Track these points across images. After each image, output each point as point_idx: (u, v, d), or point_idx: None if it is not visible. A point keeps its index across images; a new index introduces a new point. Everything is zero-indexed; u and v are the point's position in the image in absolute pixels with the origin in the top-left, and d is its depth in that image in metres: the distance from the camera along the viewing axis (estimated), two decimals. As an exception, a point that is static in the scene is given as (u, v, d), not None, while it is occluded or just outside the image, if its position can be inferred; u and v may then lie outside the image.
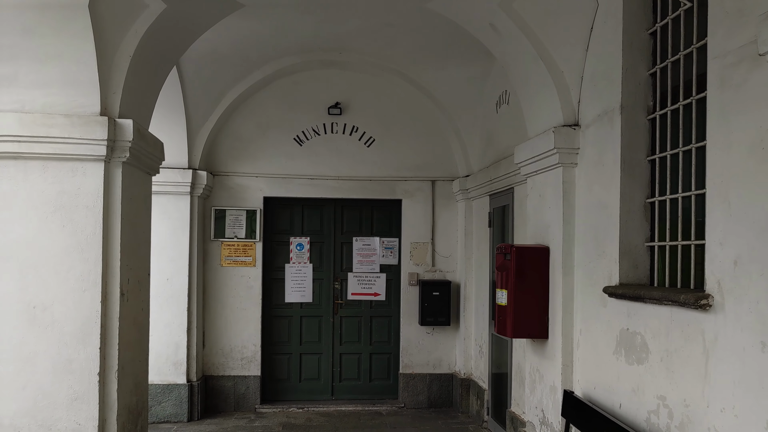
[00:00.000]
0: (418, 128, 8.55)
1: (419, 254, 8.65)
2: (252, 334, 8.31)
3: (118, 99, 4.51)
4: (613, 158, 4.21)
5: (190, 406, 7.66)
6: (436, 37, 6.81)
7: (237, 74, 7.76)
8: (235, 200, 8.37)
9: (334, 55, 7.87)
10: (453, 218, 8.63)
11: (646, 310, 3.79)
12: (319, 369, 8.63)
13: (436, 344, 8.61)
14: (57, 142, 4.29)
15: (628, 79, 4.13)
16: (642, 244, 4.13)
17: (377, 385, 8.72)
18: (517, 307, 5.19)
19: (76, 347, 4.37)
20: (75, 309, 4.37)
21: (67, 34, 4.18)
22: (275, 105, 8.38)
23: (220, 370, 8.22)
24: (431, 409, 8.46)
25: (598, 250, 4.41)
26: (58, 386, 4.35)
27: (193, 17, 5.11)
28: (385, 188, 8.56)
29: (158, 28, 4.67)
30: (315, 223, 8.69)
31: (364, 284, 8.69)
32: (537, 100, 5.21)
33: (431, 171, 8.62)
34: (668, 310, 3.55)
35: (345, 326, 8.70)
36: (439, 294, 8.42)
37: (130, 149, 4.50)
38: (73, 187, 4.37)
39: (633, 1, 4.15)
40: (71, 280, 4.37)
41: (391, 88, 8.39)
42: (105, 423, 4.44)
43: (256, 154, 8.39)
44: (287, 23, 6.78)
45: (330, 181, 8.47)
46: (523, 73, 5.28)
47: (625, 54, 4.14)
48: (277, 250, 8.60)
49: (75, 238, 4.37)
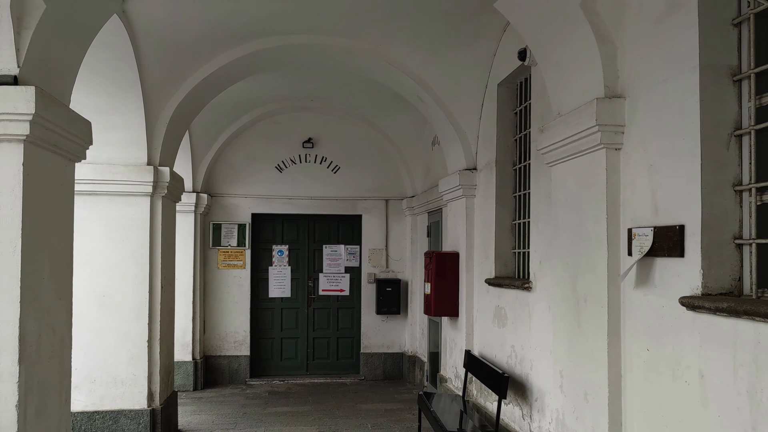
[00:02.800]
0: (374, 158, 10.57)
1: (376, 258, 10.66)
2: (243, 323, 10.24)
3: (158, 153, 6.46)
4: (492, 194, 6.29)
5: (195, 378, 9.55)
6: (386, 92, 8.81)
7: (230, 118, 9.69)
8: (228, 216, 10.30)
9: (307, 102, 9.85)
10: (402, 229, 10.66)
11: (506, 293, 5.87)
12: (296, 350, 10.59)
13: (389, 329, 10.62)
14: (118, 183, 6.23)
15: (500, 143, 6.22)
16: (509, 251, 6.21)
17: (343, 363, 10.70)
18: (437, 294, 7.25)
19: (131, 323, 6.30)
20: (130, 297, 6.30)
21: (126, 111, 6.11)
22: (260, 140, 10.33)
23: (218, 351, 10.13)
24: (386, 380, 10.46)
25: (486, 254, 6.48)
26: (120, 349, 6.27)
27: (215, 89, 7.04)
28: (348, 206, 10.56)
29: (186, 102, 6.62)
30: (292, 233, 10.64)
31: (332, 282, 10.67)
32: (450, 149, 7.29)
33: (385, 192, 10.64)
34: (515, 292, 5.62)
35: (317, 316, 10.66)
36: (391, 290, 10.44)
37: (167, 187, 6.45)
38: (129, 214, 6.31)
39: (504, 90, 6.25)
40: (128, 277, 6.31)
41: (353, 127, 10.40)
42: (151, 375, 6.37)
43: (245, 179, 10.33)
44: (271, 82, 8.73)
45: (304, 201, 10.44)
46: (441, 130, 7.35)
47: (498, 127, 6.24)
48: (263, 255, 10.54)
49: (130, 249, 6.31)
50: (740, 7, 3.06)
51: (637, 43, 3.53)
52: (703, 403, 2.97)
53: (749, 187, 2.97)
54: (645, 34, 3.45)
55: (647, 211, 3.42)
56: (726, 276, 3.01)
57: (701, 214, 3.02)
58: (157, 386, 6.41)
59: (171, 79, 6.33)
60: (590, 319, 3.87)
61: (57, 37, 3.56)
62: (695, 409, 3.03)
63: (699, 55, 3.04)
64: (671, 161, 3.22)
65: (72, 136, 3.82)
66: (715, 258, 3.01)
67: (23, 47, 3.29)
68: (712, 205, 3.02)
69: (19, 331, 3.26)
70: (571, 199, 4.11)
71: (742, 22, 3.05)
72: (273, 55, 6.76)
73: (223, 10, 5.81)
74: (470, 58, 6.45)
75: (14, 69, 3.28)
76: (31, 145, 3.37)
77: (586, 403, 3.92)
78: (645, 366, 3.46)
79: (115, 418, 6.21)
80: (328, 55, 6.91)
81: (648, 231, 3.36)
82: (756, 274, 2.94)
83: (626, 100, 3.63)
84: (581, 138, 3.83)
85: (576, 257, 4.06)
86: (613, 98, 3.67)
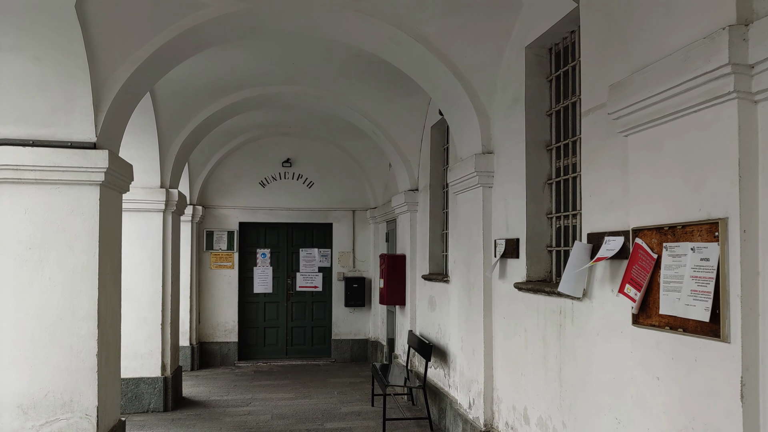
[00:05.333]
0: (343, 176, 12.33)
1: (345, 259, 12.41)
2: (232, 314, 11.93)
3: (168, 178, 8.16)
4: (428, 210, 8.09)
5: (192, 360, 11.22)
6: (351, 124, 10.57)
7: (221, 142, 11.38)
8: (219, 224, 11.99)
9: (286, 128, 11.57)
10: (366, 235, 12.43)
11: (436, 285, 7.66)
12: (277, 337, 12.30)
13: (356, 319, 12.37)
14: (139, 202, 7.91)
15: (433, 171, 8.02)
16: (440, 254, 8.01)
17: (317, 348, 12.44)
18: (389, 288, 9.04)
19: (147, 310, 7.99)
20: (147, 290, 7.99)
21: (144, 146, 7.80)
22: (246, 160, 12.04)
23: (211, 338, 11.82)
24: (353, 362, 12.20)
25: (423, 256, 8.28)
26: (139, 331, 7.95)
27: (212, 126, 8.75)
28: (321, 215, 12.30)
29: (190, 137, 8.32)
30: (274, 239, 12.36)
31: (307, 280, 12.40)
32: (399, 173, 9.08)
33: (352, 204, 12.40)
34: (440, 284, 7.42)
35: (294, 309, 12.39)
36: (357, 286, 12.20)
37: (177, 204, 8.16)
38: (146, 226, 8.00)
39: (436, 131, 8.06)
40: (145, 275, 7.99)
41: (325, 149, 12.16)
42: (164, 351, 8.07)
43: (233, 193, 12.03)
44: (256, 114, 10.43)
45: (284, 211, 12.16)
46: (392, 158, 9.14)
47: (432, 159, 8.05)
48: (248, 257, 12.24)
49: (148, 253, 8.00)
50: (551, 104, 4.88)
51: (500, 119, 5.35)
52: (526, 347, 4.79)
53: (554, 215, 4.79)
54: (503, 114, 5.27)
55: (503, 228, 5.24)
56: (541, 270, 4.83)
57: (527, 232, 4.83)
58: (168, 360, 8.11)
59: (179, 121, 8.04)
60: (475, 300, 5.67)
61: (119, 111, 5.27)
62: (523, 352, 4.84)
63: (525, 133, 4.86)
64: (514, 197, 5.04)
65: (123, 177, 5.54)
66: (534, 259, 4.83)
67: (99, 123, 5.00)
68: (533, 226, 4.84)
69: (97, 306, 4.97)
70: (466, 219, 5.92)
71: (551, 113, 4.87)
72: (259, 100, 8.49)
73: (221, 69, 7.53)
74: (411, 106, 8.26)
75: (93, 138, 4.99)
76: (103, 187, 5.08)
77: (473, 357, 5.72)
78: (503, 329, 5.26)
79: (137, 384, 7.90)
80: (303, 100, 8.67)
81: (503, 241, 5.17)
82: (557, 268, 4.76)
83: (494, 155, 5.44)
84: (469, 178, 5.64)
85: (468, 258, 5.86)
86: (486, 153, 5.48)
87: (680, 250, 2.79)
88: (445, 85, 5.68)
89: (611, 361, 3.57)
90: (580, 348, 4.01)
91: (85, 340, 4.96)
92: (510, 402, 5.12)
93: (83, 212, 4.99)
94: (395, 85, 7.86)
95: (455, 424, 6.33)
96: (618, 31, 3.53)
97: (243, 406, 8.39)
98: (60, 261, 4.93)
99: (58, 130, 4.94)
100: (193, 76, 7.47)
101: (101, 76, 4.99)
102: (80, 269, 4.96)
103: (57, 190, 4.94)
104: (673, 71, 2.75)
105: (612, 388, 3.58)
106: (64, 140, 4.95)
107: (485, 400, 5.50)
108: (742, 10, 2.52)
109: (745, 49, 2.46)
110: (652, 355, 2.98)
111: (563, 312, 4.21)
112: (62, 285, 4.93)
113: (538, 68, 4.93)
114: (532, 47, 4.90)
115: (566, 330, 4.19)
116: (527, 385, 4.79)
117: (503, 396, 5.27)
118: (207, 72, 7.46)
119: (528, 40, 4.87)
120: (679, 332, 2.78)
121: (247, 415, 7.91)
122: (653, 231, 2.98)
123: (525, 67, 4.92)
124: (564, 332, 4.22)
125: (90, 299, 4.96)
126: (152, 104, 7.41)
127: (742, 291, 2.48)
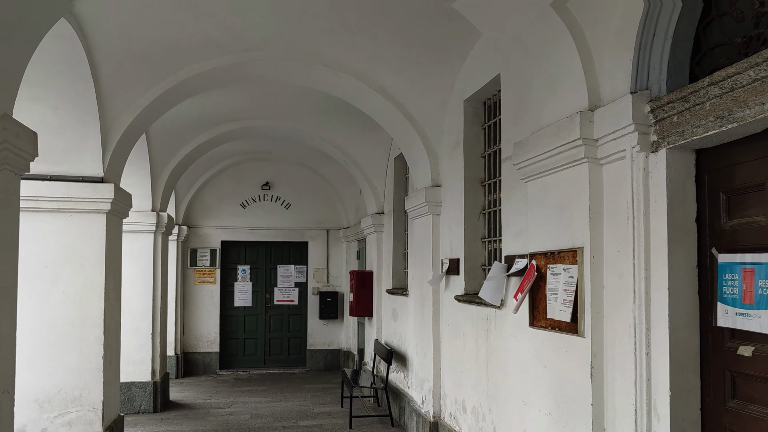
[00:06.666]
0: (317, 198, 13.22)
1: (319, 275, 13.28)
2: (214, 326, 12.71)
3: (159, 202, 8.99)
4: (391, 231, 9.02)
5: (177, 369, 11.96)
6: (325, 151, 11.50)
7: (205, 167, 12.21)
8: (203, 242, 12.80)
9: (265, 155, 12.45)
10: (340, 253, 13.32)
11: (397, 298, 8.58)
12: (256, 348, 13.09)
13: (329, 331, 13.22)
14: (133, 224, 8.72)
15: (396, 197, 8.97)
16: (402, 270, 8.94)
17: (293, 357, 13.25)
18: (358, 301, 9.93)
19: (139, 321, 8.78)
20: (139, 302, 8.79)
21: (137, 176, 8.64)
22: (228, 183, 12.88)
23: (194, 348, 12.57)
24: (326, 370, 13.03)
25: (388, 272, 9.20)
26: (132, 340, 8.73)
27: (198, 156, 9.62)
28: (297, 234, 13.17)
29: (178, 166, 9.18)
30: (253, 256, 13.19)
31: (284, 294, 13.22)
32: (367, 198, 10.02)
33: (326, 224, 13.29)
34: (401, 297, 8.34)
35: (272, 321, 13.20)
36: (331, 300, 13.06)
37: (165, 226, 9.00)
38: (138, 245, 8.82)
39: (398, 162, 9.01)
40: (138, 288, 8.79)
41: (301, 173, 13.06)
42: (154, 358, 8.85)
43: (216, 214, 12.86)
44: (238, 141, 11.31)
45: (263, 231, 13.01)
46: (361, 184, 10.07)
47: (395, 186, 9.00)
48: (229, 273, 13.05)
49: (140, 269, 8.81)
50: (485, 148, 5.85)
51: (445, 158, 6.31)
52: (464, 349, 5.71)
53: (487, 239, 5.74)
54: (448, 154, 6.24)
55: (447, 250, 6.18)
56: (476, 284, 5.77)
57: (465, 253, 5.77)
58: (158, 366, 8.89)
59: (168, 152, 8.90)
60: (426, 310, 6.59)
61: (122, 149, 6.13)
62: (462, 353, 5.77)
63: (464, 171, 5.82)
64: (455, 224, 5.98)
65: (125, 205, 6.39)
66: (471, 275, 5.77)
67: (106, 161, 5.87)
68: (470, 249, 5.78)
69: (103, 316, 5.80)
70: (420, 241, 6.86)
71: (485, 155, 5.84)
72: (240, 132, 9.38)
73: (206, 106, 8.41)
74: (377, 140, 9.21)
75: (101, 173, 5.85)
76: (109, 214, 5.93)
77: (425, 359, 6.63)
78: (447, 334, 6.19)
79: (129, 387, 8.67)
80: (279, 132, 9.57)
81: (447, 261, 6.11)
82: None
83: (442, 188, 6.40)
84: (421, 207, 6.59)
85: (422, 274, 6.79)
86: (435, 186, 6.43)
87: (557, 270, 3.75)
88: (401, 128, 6.64)
89: (519, 356, 4.51)
90: (499, 347, 4.94)
91: (92, 345, 5.79)
92: (453, 396, 6.03)
93: (92, 236, 5.84)
94: (362, 122, 8.79)
95: (411, 419, 7.22)
96: (523, 99, 4.50)
97: (225, 408, 9.18)
98: (72, 277, 5.77)
99: (71, 166, 5.80)
100: (182, 113, 8.33)
101: (108, 121, 5.87)
102: (89, 284, 5.80)
103: (70, 217, 5.79)
104: (552, 138, 3.72)
105: (520, 377, 4.51)
106: (77, 175, 5.81)
107: (434, 395, 6.41)
108: (592, 98, 3.51)
109: (591, 128, 3.43)
110: (541, 349, 3.92)
111: (489, 318, 5.15)
112: (73, 298, 5.76)
113: (474, 118, 5.90)
114: (469, 101, 5.88)
115: (491, 333, 5.12)
116: (465, 380, 5.70)
117: (448, 391, 6.18)
118: (194, 109, 8.33)
119: (466, 95, 5.85)
120: (557, 331, 3.73)
121: (229, 415, 8.71)
122: (542, 255, 3.94)
123: (463, 117, 5.89)
124: (489, 335, 5.15)
125: (97, 310, 5.80)
126: (146, 139, 8.27)
127: (592, 300, 3.44)
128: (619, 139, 3.22)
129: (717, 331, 2.90)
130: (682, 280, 2.99)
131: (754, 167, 2.70)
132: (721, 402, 2.89)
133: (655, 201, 3.06)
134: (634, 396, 3.12)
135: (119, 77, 5.73)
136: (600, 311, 3.43)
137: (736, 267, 2.74)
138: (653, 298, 3.05)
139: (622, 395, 3.25)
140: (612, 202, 3.37)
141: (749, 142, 2.71)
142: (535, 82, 4.03)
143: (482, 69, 5.49)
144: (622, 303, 3.25)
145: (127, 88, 5.89)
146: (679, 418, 2.96)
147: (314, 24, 5.52)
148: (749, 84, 2.48)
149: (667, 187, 2.99)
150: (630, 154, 3.16)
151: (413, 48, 5.81)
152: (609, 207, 3.40)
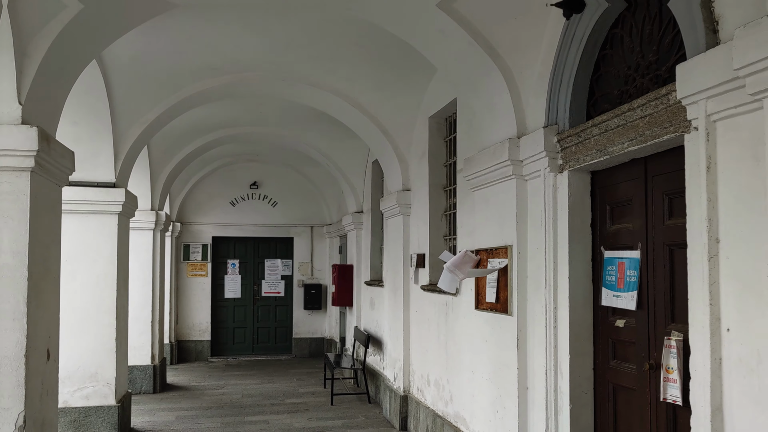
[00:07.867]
0: (302, 196, 14.06)
1: (304, 269, 14.13)
2: (205, 316, 13.53)
3: (157, 201, 9.81)
4: (369, 228, 9.90)
5: (171, 356, 12.76)
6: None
7: (197, 168, 13.00)
8: (195, 238, 13.60)
9: (254, 156, 13.26)
10: (323, 248, 14.18)
11: (375, 289, 9.47)
12: (245, 336, 13.94)
13: (313, 320, 14.09)
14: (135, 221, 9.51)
15: (374, 197, 9.85)
16: (379, 264, 9.83)
17: (279, 345, 14.11)
18: (339, 292, 10.82)
19: (140, 310, 9.59)
20: (140, 293, 9.60)
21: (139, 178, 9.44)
22: (219, 183, 13.69)
23: (187, 337, 13.39)
24: (311, 357, 13.90)
25: (366, 266, 10.08)
26: (133, 327, 9.52)
27: (193, 158, 10.42)
28: (284, 230, 14.01)
29: (175, 168, 9.98)
30: (242, 251, 14.01)
31: (271, 286, 14.07)
32: (348, 197, 10.89)
33: (311, 220, 14.15)
34: (378, 288, 9.23)
35: (260, 311, 14.04)
36: (315, 291, 13.93)
37: (164, 223, 9.81)
38: (140, 241, 9.62)
39: (376, 166, 9.88)
40: (139, 280, 9.60)
41: (287, 174, 13.89)
42: (153, 344, 9.68)
43: (207, 212, 13.66)
44: (228, 144, 12.11)
45: (251, 227, 13.83)
46: (343, 185, 10.94)
47: (372, 188, 9.88)
48: (220, 267, 13.87)
49: (140, 263, 9.62)
50: (447, 158, 6.74)
51: (414, 165, 7.20)
52: (429, 331, 6.62)
53: (449, 237, 6.64)
54: (416, 163, 7.13)
55: (416, 246, 7.08)
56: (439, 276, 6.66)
57: (430, 249, 6.67)
58: (156, 351, 9.72)
59: (166, 156, 9.72)
60: (398, 299, 7.49)
61: (130, 158, 6.96)
62: (427, 335, 6.67)
63: (429, 178, 6.72)
64: (422, 224, 6.88)
65: (132, 207, 7.24)
66: (435, 268, 6.67)
67: (117, 168, 6.69)
68: (434, 245, 6.68)
69: (115, 304, 6.63)
70: (393, 238, 7.75)
71: (447, 164, 6.73)
72: (231, 137, 10.20)
73: (201, 115, 9.21)
74: (356, 146, 10.07)
75: (113, 179, 6.68)
76: (120, 215, 6.76)
77: (397, 342, 7.53)
78: (416, 320, 7.09)
79: (131, 370, 9.48)
80: (267, 137, 10.41)
81: (415, 255, 7.01)
82: (450, 275, 6.61)
83: (411, 192, 7.29)
84: (393, 208, 7.48)
85: (395, 267, 7.68)
86: (405, 191, 7.33)
87: (494, 263, 4.65)
88: (376, 139, 7.52)
89: (468, 334, 5.42)
90: (455, 328, 5.86)
91: (106, 329, 6.64)
92: (419, 372, 6.94)
93: (105, 234, 6.68)
94: (343, 130, 9.62)
95: (385, 395, 8.13)
96: (472, 123, 5.40)
97: (218, 389, 10.04)
98: (88, 270, 6.60)
99: (87, 173, 6.62)
100: (179, 122, 9.11)
101: (119, 134, 6.69)
102: (102, 276, 6.64)
103: (86, 218, 6.62)
104: (490, 157, 4.62)
105: (469, 351, 5.42)
106: (92, 181, 6.64)
107: (404, 373, 7.32)
108: (520, 127, 4.41)
109: (518, 151, 4.33)
110: (483, 327, 4.84)
111: (447, 304, 6.06)
112: (90, 288, 6.60)
113: (437, 132, 6.80)
114: (433, 117, 6.77)
115: (449, 316, 6.03)
116: (429, 358, 6.61)
117: (416, 368, 7.09)
118: (190, 118, 9.13)
119: (431, 113, 6.74)
120: (493, 312, 4.64)
121: (222, 395, 9.57)
122: (485, 251, 4.84)
123: (428, 131, 6.78)
124: (447, 318, 6.06)
125: (110, 299, 6.64)
126: (146, 145, 9.06)
127: (518, 286, 4.35)
128: (536, 161, 4.13)
129: (603, 309, 3.82)
130: (579, 271, 3.90)
131: (626, 187, 3.62)
132: (606, 362, 3.81)
133: (560, 210, 3.97)
134: (545, 359, 4.03)
135: (130, 96, 6.55)
136: (524, 295, 4.34)
137: (615, 260, 3.66)
138: (559, 285, 3.96)
139: (538, 360, 4.17)
140: (533, 210, 4.28)
141: (623, 168, 3.62)
142: (479, 111, 4.93)
143: (443, 91, 6.38)
144: (539, 288, 4.16)
145: (137, 105, 6.72)
146: (576, 375, 3.88)
147: (298, 52, 6.37)
148: (616, 128, 3.40)
149: (569, 199, 3.91)
150: (543, 174, 4.07)
151: (386, 71, 6.68)
152: (531, 214, 4.31)
